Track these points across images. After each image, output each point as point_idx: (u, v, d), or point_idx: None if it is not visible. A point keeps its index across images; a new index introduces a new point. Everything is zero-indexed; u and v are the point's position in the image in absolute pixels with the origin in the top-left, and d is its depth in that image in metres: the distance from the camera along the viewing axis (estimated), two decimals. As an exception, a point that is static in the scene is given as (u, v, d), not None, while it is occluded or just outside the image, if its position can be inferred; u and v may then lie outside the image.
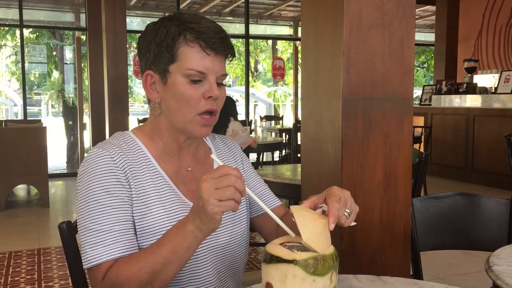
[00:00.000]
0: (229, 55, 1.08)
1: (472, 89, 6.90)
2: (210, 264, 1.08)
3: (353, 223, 0.97)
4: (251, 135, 4.62)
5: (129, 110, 6.56)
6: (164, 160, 1.10)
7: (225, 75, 1.08)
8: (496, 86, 6.64)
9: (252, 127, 6.56)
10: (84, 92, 8.28)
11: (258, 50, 16.69)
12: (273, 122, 8.96)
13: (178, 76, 1.03)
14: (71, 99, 9.26)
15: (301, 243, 0.89)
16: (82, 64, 8.34)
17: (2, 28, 11.45)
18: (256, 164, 5.27)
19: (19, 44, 7.63)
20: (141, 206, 1.02)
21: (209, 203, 0.85)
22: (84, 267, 0.98)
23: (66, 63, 10.66)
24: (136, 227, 1.02)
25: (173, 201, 1.06)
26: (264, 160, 7.86)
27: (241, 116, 10.82)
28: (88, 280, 1.19)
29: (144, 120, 7.46)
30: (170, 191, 1.07)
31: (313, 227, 0.88)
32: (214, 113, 1.06)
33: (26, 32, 10.27)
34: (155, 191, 1.05)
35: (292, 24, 11.26)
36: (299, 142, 6.07)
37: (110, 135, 5.20)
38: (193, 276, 1.05)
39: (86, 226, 0.98)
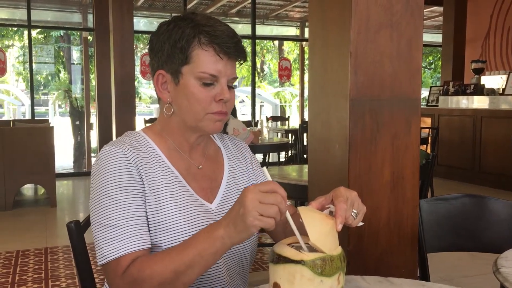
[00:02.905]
0: (240, 59, 1.09)
1: (479, 90, 6.87)
2: (222, 261, 1.08)
3: (361, 223, 0.97)
4: (251, 130, 4.62)
5: (136, 110, 6.59)
6: (175, 158, 1.11)
7: (236, 78, 1.09)
8: (504, 87, 6.61)
9: (258, 127, 6.57)
10: (91, 92, 8.32)
11: (265, 51, 16.69)
12: (279, 122, 8.96)
13: (190, 78, 1.04)
14: (78, 99, 9.31)
15: (308, 244, 0.89)
16: (89, 65, 8.38)
17: (10, 29, 11.52)
18: (262, 165, 5.26)
19: (27, 44, 7.69)
20: (154, 202, 1.03)
21: (251, 214, 0.84)
22: (99, 263, 0.98)
23: (73, 64, 10.72)
24: (149, 223, 1.02)
25: (185, 198, 1.07)
26: (270, 160, 7.86)
27: (247, 117, 10.79)
28: (95, 279, 1.20)
29: (151, 120, 7.48)
30: (182, 188, 1.08)
31: (320, 228, 0.88)
32: (225, 114, 1.08)
33: (33, 32, 10.33)
34: (167, 188, 1.06)
35: (299, 25, 11.25)
36: (305, 143, 6.07)
37: (117, 135, 5.26)
38: (205, 272, 1.06)
39: (101, 222, 0.98)
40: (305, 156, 5.85)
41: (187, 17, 1.06)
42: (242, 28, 10.61)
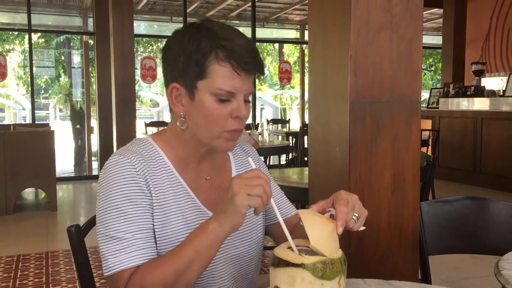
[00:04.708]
0: (258, 74, 1.05)
1: (480, 92, 6.87)
2: (227, 274, 1.08)
3: (362, 228, 0.96)
4: (252, 134, 4.62)
5: (136, 113, 6.59)
6: (184, 169, 1.09)
7: (252, 92, 1.05)
8: (504, 89, 6.61)
9: (259, 130, 6.58)
10: (91, 96, 8.33)
11: (265, 54, 16.70)
12: (279, 125, 8.97)
13: (206, 94, 1.00)
14: (78, 103, 9.33)
15: (309, 247, 0.89)
16: (90, 68, 8.39)
17: (10, 33, 11.54)
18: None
19: (27, 48, 7.70)
20: (161, 215, 1.02)
21: (239, 194, 0.87)
22: (105, 274, 0.97)
23: (74, 67, 10.74)
24: (156, 235, 1.01)
25: (193, 211, 1.06)
26: (271, 163, 7.85)
27: (248, 120, 10.75)
28: (96, 283, 1.19)
29: (152, 123, 7.48)
30: (189, 200, 1.07)
31: (321, 231, 0.88)
32: (239, 132, 1.05)
33: (34, 36, 10.35)
34: (175, 200, 1.04)
35: (299, 28, 11.27)
36: (306, 145, 6.07)
37: (117, 139, 5.22)
38: (210, 284, 1.05)
39: (107, 234, 0.97)
40: (305, 158, 5.84)
41: (203, 26, 1.01)
42: (242, 31, 10.60)
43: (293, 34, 12.01)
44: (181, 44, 1.01)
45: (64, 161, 9.15)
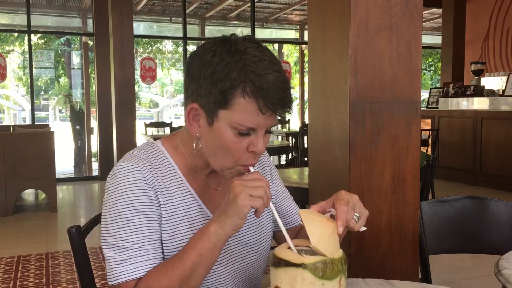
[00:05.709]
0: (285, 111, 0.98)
1: (479, 91, 6.88)
2: (232, 283, 1.07)
3: (364, 228, 0.96)
4: None
5: (136, 114, 6.60)
6: (193, 177, 1.07)
7: (276, 124, 1.00)
8: (503, 88, 6.61)
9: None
10: (91, 97, 8.33)
11: (264, 54, 16.66)
12: (279, 125, 8.97)
13: (225, 125, 0.95)
14: (78, 104, 9.32)
15: (309, 247, 0.89)
16: (90, 69, 8.39)
17: (10, 34, 11.55)
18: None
19: (27, 49, 7.70)
20: (169, 224, 1.01)
21: (241, 195, 0.88)
22: (109, 283, 0.97)
23: (74, 68, 10.74)
24: (163, 244, 1.00)
25: (201, 220, 1.04)
26: (271, 163, 7.84)
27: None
28: (96, 284, 1.19)
29: (152, 124, 7.48)
30: (198, 209, 1.05)
31: (321, 231, 0.88)
32: (252, 166, 1.00)
33: (34, 37, 10.36)
34: (184, 208, 1.03)
35: (298, 28, 11.27)
36: (305, 146, 6.07)
37: (117, 140, 5.20)
38: None
39: (113, 243, 0.96)
40: (305, 159, 5.84)
41: (235, 51, 0.93)
42: (241, 32, 10.62)
43: (292, 34, 12.01)
44: (210, 66, 0.94)
45: (64, 162, 9.14)
